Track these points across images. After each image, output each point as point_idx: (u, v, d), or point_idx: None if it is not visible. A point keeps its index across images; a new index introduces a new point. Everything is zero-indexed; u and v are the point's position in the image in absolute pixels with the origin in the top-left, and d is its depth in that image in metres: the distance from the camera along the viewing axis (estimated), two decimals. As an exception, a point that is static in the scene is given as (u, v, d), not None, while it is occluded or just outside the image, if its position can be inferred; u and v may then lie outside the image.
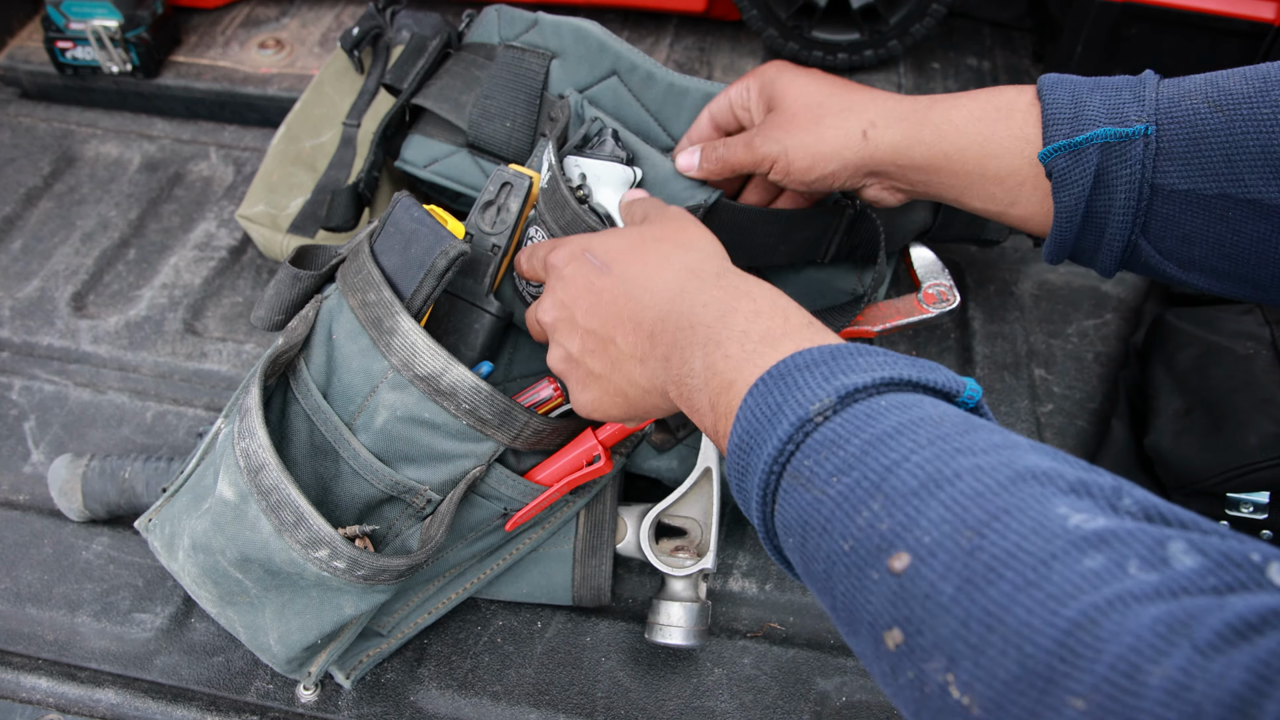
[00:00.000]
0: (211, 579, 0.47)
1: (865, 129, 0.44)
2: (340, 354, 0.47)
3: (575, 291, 0.40)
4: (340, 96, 0.74)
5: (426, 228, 0.46)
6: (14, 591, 0.57)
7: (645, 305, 0.37)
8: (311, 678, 0.49)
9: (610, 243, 0.41)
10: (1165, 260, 0.41)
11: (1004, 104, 0.42)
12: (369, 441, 0.46)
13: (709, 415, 0.33)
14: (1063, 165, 0.40)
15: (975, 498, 0.23)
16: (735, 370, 0.32)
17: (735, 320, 0.33)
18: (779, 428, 0.28)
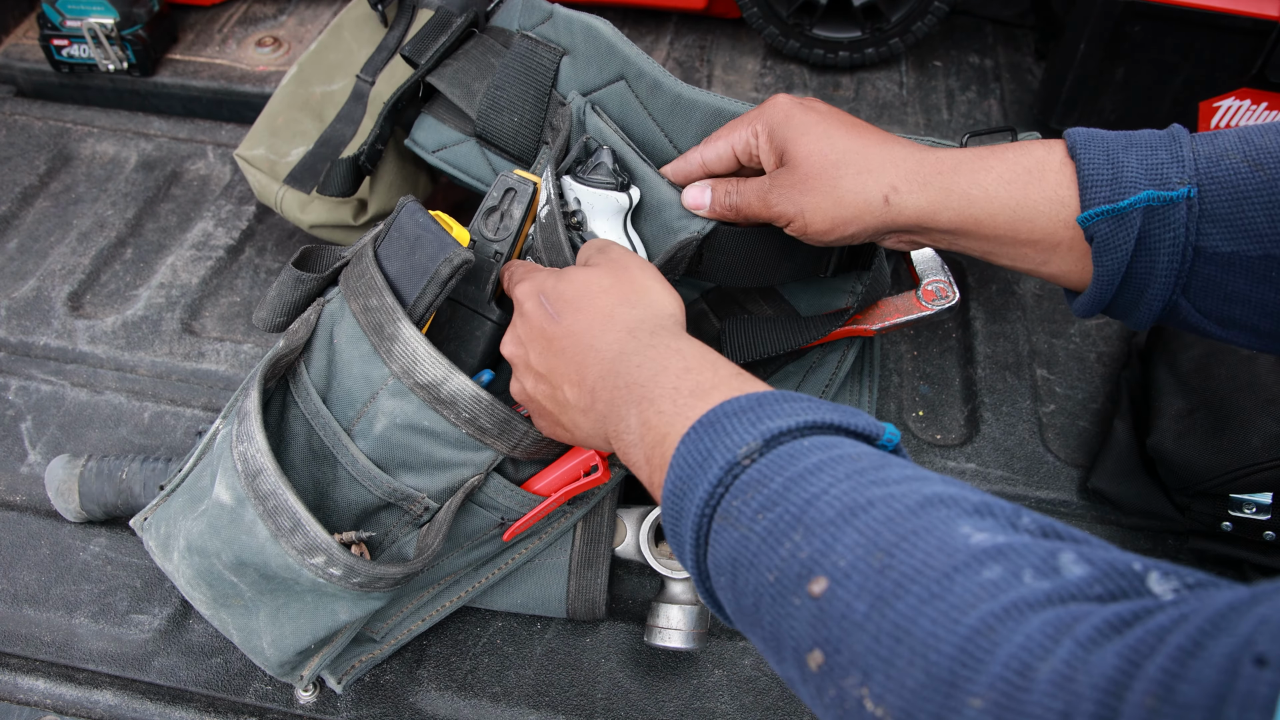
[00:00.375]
0: (206, 581, 0.46)
1: (887, 194, 0.43)
2: (341, 359, 0.47)
3: (530, 333, 0.42)
4: (359, 45, 0.72)
5: (431, 234, 0.46)
6: (11, 593, 0.57)
7: (588, 363, 0.39)
8: (304, 681, 0.49)
9: (562, 289, 0.42)
10: (1206, 319, 0.40)
11: (1034, 165, 0.41)
12: (367, 448, 0.46)
13: (645, 469, 0.35)
14: (1105, 230, 0.39)
15: (886, 522, 0.25)
16: (668, 424, 0.33)
17: (666, 378, 0.35)
18: (709, 472, 0.30)
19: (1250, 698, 0.17)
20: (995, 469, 0.64)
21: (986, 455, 0.65)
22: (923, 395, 0.69)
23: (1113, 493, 0.61)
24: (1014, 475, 0.64)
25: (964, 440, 0.66)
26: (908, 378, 0.70)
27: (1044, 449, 0.65)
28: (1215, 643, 0.18)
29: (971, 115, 0.88)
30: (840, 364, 0.60)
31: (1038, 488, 0.64)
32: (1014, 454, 0.65)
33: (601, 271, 0.42)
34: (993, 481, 0.64)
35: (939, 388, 0.69)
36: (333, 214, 0.68)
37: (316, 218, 0.68)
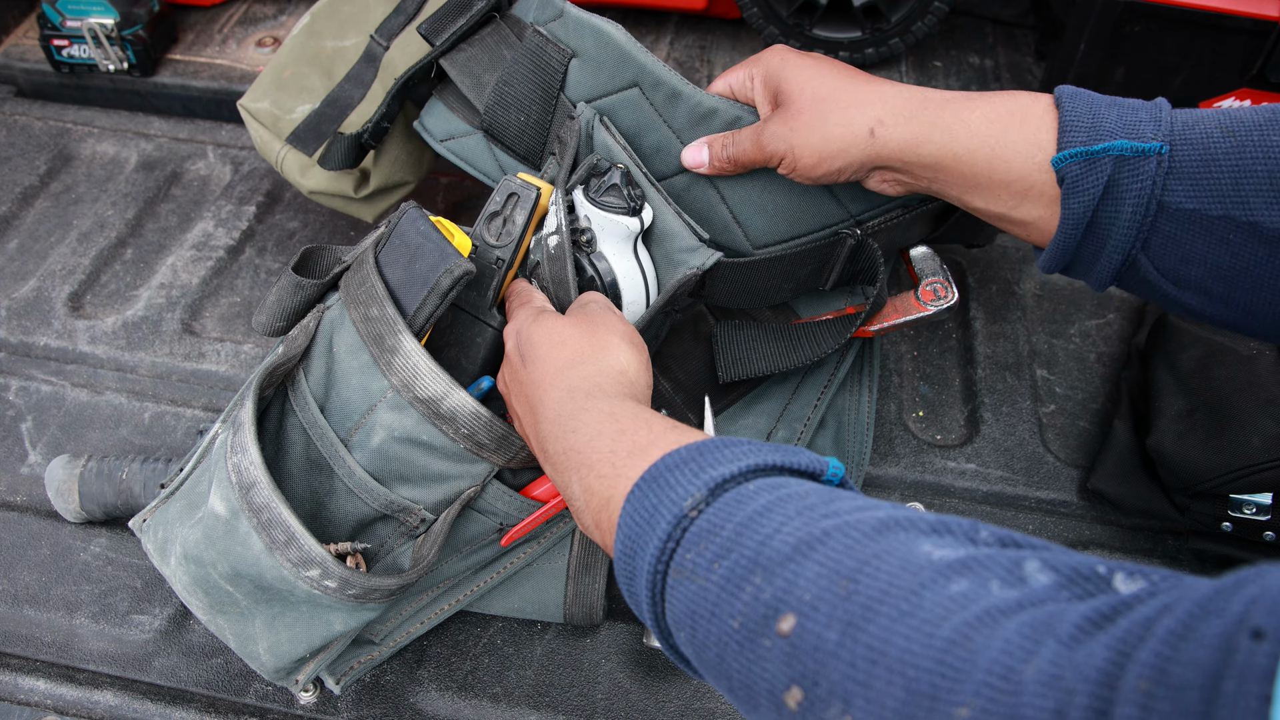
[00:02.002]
0: (202, 589, 0.46)
1: (873, 126, 0.44)
2: (340, 368, 0.47)
3: (507, 374, 0.44)
4: (375, 1, 0.69)
5: (432, 243, 0.45)
6: (11, 593, 0.57)
7: (539, 418, 0.40)
8: (299, 685, 0.49)
9: (533, 334, 0.43)
10: (1161, 278, 0.41)
11: (1018, 108, 0.42)
12: (364, 460, 0.46)
13: (595, 533, 0.35)
14: (1075, 172, 0.40)
15: (845, 550, 0.25)
16: (610, 487, 0.33)
17: (602, 442, 0.35)
18: (657, 527, 0.30)
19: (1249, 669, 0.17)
20: (995, 469, 0.64)
21: (986, 455, 0.65)
22: (923, 395, 0.69)
23: (1113, 493, 0.61)
24: (1014, 475, 0.64)
25: (964, 440, 0.66)
26: (908, 378, 0.70)
27: (1044, 449, 0.65)
28: (1206, 624, 0.18)
29: (971, 115, 0.88)
30: (839, 364, 0.60)
31: (1038, 488, 0.64)
32: (1014, 454, 0.65)
33: (569, 323, 0.43)
34: (993, 482, 0.64)
35: (939, 388, 0.69)
36: (334, 183, 0.66)
37: (316, 184, 0.66)
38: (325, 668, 0.50)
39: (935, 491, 0.64)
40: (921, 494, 0.64)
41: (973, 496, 0.64)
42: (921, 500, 0.63)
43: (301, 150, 0.66)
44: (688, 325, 0.59)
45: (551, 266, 0.49)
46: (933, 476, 0.64)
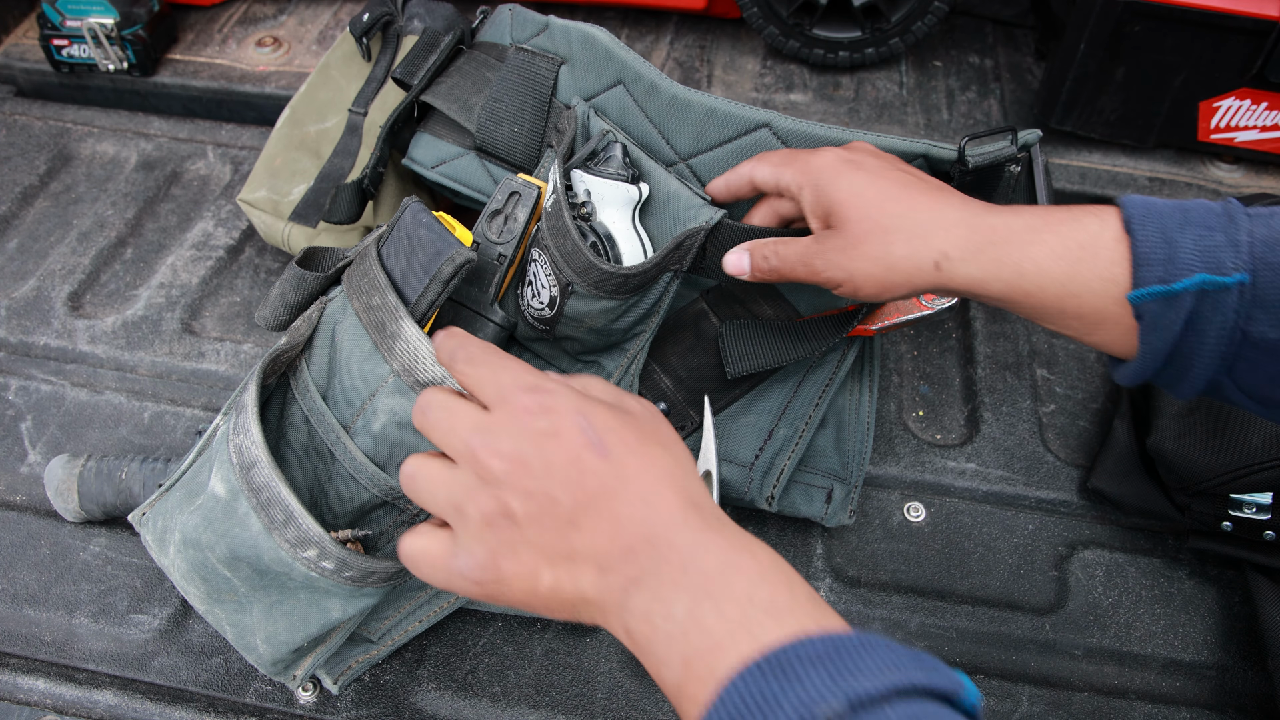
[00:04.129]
0: (200, 575, 0.46)
1: (938, 260, 0.42)
2: (342, 356, 0.47)
3: (555, 458, 0.33)
4: (347, 81, 0.73)
5: (434, 234, 0.46)
6: (11, 592, 0.57)
7: (635, 517, 0.33)
8: (296, 681, 0.49)
9: (613, 423, 0.34)
10: (1248, 398, 0.40)
11: (1088, 240, 0.40)
12: (365, 446, 0.46)
13: (676, 670, 0.30)
14: (1154, 310, 0.39)
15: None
16: (729, 635, 0.29)
17: (737, 579, 0.31)
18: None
19: None
20: (995, 469, 0.64)
21: (986, 455, 0.65)
22: (923, 395, 0.69)
23: (1113, 493, 0.61)
24: (1014, 475, 0.64)
25: (964, 440, 0.66)
26: (908, 378, 0.70)
27: (1044, 449, 0.65)
28: None
29: (972, 115, 0.88)
30: (840, 364, 0.60)
31: (1038, 488, 0.64)
32: (1014, 454, 0.65)
33: (652, 419, 0.36)
34: (993, 481, 0.64)
35: (939, 388, 0.69)
36: (339, 243, 0.68)
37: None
38: (323, 666, 0.50)
39: (935, 491, 0.64)
40: (921, 494, 0.64)
41: (973, 496, 0.64)
42: (921, 500, 0.63)
43: (305, 224, 0.69)
44: (690, 324, 0.59)
45: (550, 221, 0.49)
46: (933, 476, 0.64)
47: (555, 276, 0.51)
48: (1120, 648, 0.57)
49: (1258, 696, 0.55)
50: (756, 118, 0.53)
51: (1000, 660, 0.56)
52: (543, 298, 0.52)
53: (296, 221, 0.69)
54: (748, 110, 0.53)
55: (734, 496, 0.57)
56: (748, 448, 0.57)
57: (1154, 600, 0.59)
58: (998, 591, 0.59)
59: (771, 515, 0.61)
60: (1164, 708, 0.54)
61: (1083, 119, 0.80)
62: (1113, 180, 0.82)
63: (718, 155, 0.54)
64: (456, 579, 0.35)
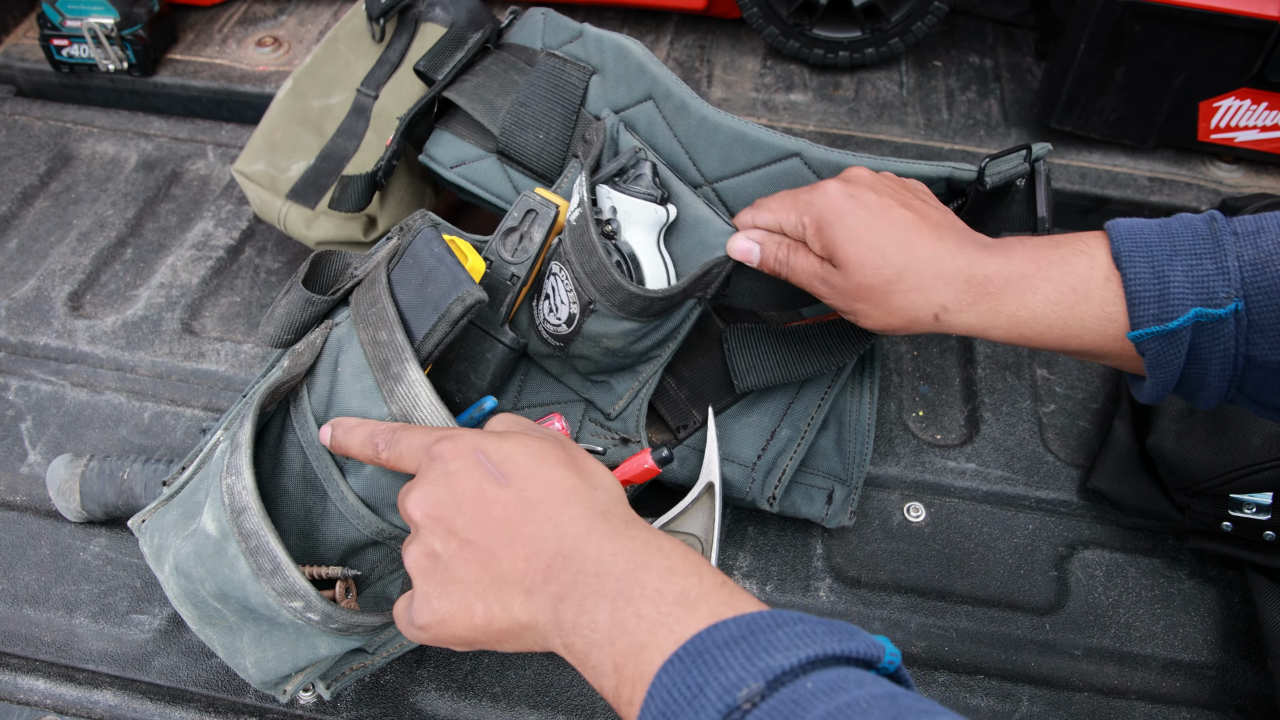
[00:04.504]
0: (191, 602, 0.46)
1: (937, 313, 0.43)
2: (342, 389, 0.46)
3: (461, 494, 0.36)
4: (355, 58, 0.70)
5: (446, 267, 0.45)
6: (11, 592, 0.57)
7: (546, 536, 0.34)
8: (287, 695, 0.48)
9: (508, 451, 0.37)
10: (1264, 409, 0.41)
11: (1079, 283, 0.41)
12: (358, 486, 0.46)
13: (610, 676, 0.31)
14: (1155, 348, 0.40)
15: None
16: (648, 633, 0.30)
17: (648, 577, 0.32)
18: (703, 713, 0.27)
19: None
20: (995, 469, 0.64)
21: (986, 455, 0.65)
22: (923, 395, 0.69)
23: (1113, 493, 0.61)
24: (1014, 475, 0.64)
25: (964, 440, 0.66)
26: (908, 378, 0.70)
27: (1044, 449, 0.65)
28: None
29: (971, 115, 0.88)
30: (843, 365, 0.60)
31: (1038, 488, 0.64)
32: (1014, 454, 0.65)
33: (551, 442, 0.38)
34: (993, 481, 0.64)
35: (939, 388, 0.69)
36: (341, 230, 0.67)
37: (324, 234, 0.67)
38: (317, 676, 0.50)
39: (935, 491, 0.64)
40: (921, 494, 0.64)
41: (973, 496, 0.64)
42: (921, 500, 0.63)
43: (303, 205, 0.67)
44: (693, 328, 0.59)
45: (574, 236, 0.48)
46: (933, 476, 0.64)
47: (576, 293, 0.50)
48: (1120, 648, 0.57)
49: (1258, 696, 0.55)
50: (787, 146, 0.52)
51: (1000, 660, 0.56)
52: (560, 314, 0.51)
53: (294, 200, 0.67)
54: (779, 138, 0.52)
55: (735, 496, 0.57)
56: (750, 448, 0.57)
57: (1154, 600, 0.59)
58: (998, 591, 0.59)
59: (772, 515, 0.61)
60: (1164, 708, 0.54)
61: (1083, 119, 0.80)
62: (1113, 180, 0.82)
63: (745, 181, 0.53)
64: (412, 630, 0.37)
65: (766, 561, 0.60)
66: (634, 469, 0.50)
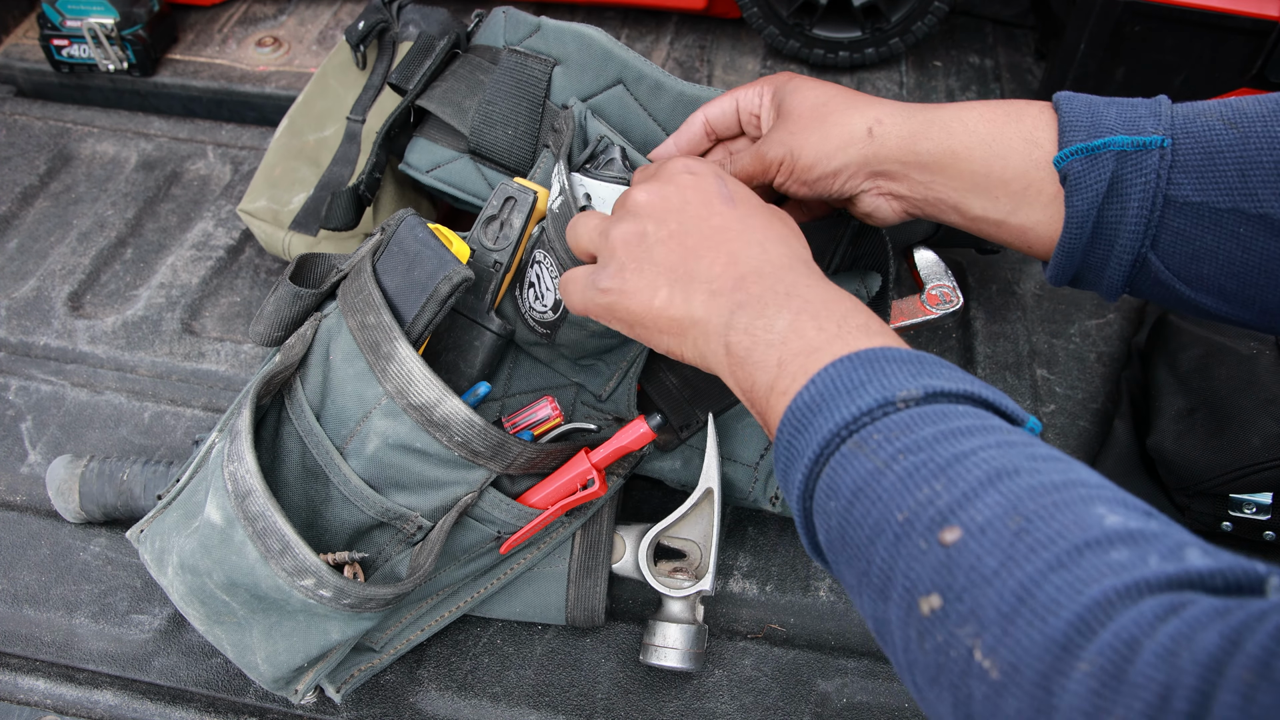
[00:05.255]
0: (199, 599, 0.46)
1: (871, 126, 0.44)
2: (336, 376, 0.47)
3: (690, 195, 0.40)
4: (344, 89, 0.73)
5: (430, 250, 0.45)
6: (11, 593, 0.57)
7: (751, 254, 0.38)
8: (299, 695, 0.48)
9: (744, 188, 0.41)
10: (1175, 278, 0.41)
11: (1014, 109, 0.43)
12: (360, 467, 0.46)
13: (769, 370, 0.34)
14: (1078, 169, 0.40)
15: (1030, 492, 0.26)
16: (826, 341, 0.33)
17: (836, 306, 0.35)
18: (859, 399, 0.30)
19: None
20: (995, 469, 0.64)
21: (986, 455, 0.65)
22: (923, 395, 0.69)
23: (1113, 493, 0.61)
24: (1014, 475, 0.64)
25: (964, 440, 0.66)
26: (908, 378, 0.70)
27: (1044, 449, 0.65)
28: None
29: (971, 115, 0.88)
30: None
31: (1038, 488, 0.64)
32: (1014, 454, 0.65)
33: (774, 207, 0.42)
34: (993, 481, 0.64)
35: (939, 388, 0.69)
36: (339, 250, 0.68)
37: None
38: (325, 676, 0.50)
39: (935, 491, 0.64)
40: (921, 494, 0.64)
41: (973, 496, 0.64)
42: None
43: (305, 233, 0.69)
44: None
45: (556, 223, 0.49)
46: (933, 476, 0.64)
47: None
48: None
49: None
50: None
51: (1000, 660, 0.56)
52: (547, 300, 0.52)
53: (297, 230, 0.69)
54: None
55: (738, 497, 0.57)
56: (752, 448, 0.57)
57: (1154, 600, 0.59)
58: (998, 591, 0.59)
59: (771, 516, 0.61)
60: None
61: (1083, 119, 0.80)
62: (1113, 180, 0.82)
63: None
64: (590, 291, 0.41)
65: (766, 562, 0.60)
66: (630, 434, 0.50)
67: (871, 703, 0.54)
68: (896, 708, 0.53)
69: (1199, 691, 0.19)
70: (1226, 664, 0.19)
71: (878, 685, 0.54)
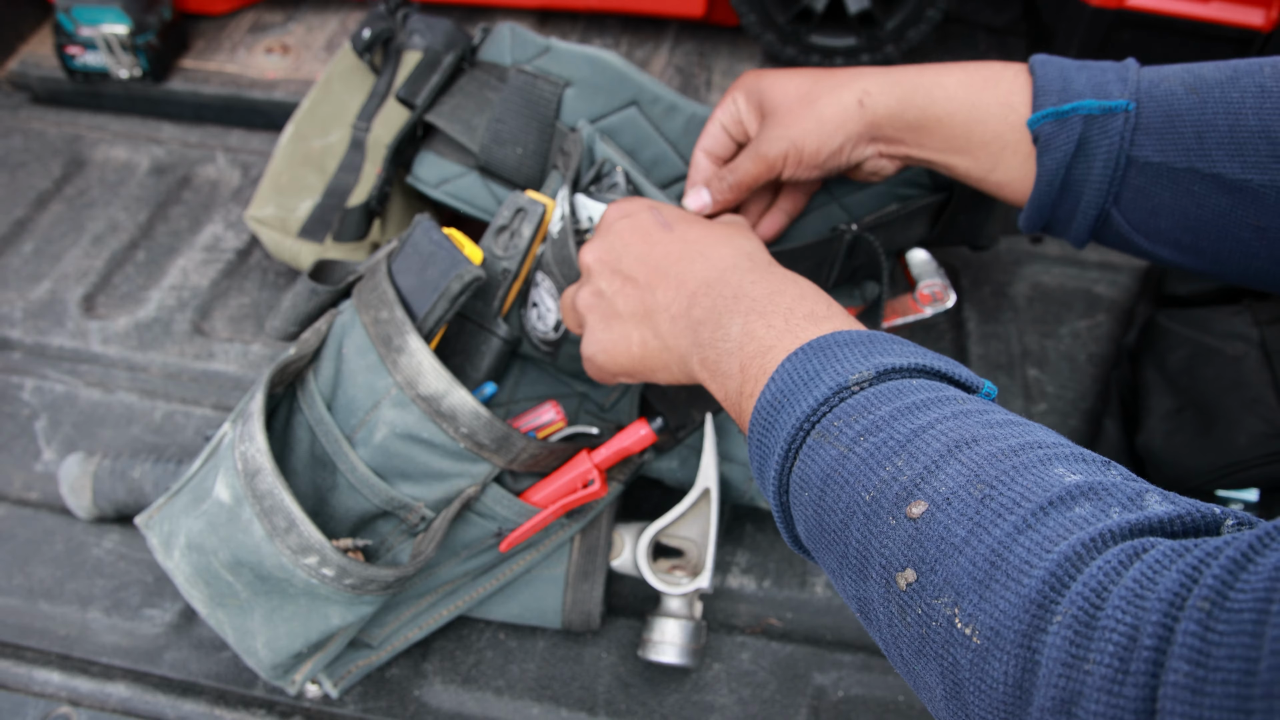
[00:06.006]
0: (203, 579, 0.47)
1: (860, 98, 0.46)
2: (348, 368, 0.48)
3: (629, 238, 0.42)
4: (349, 95, 0.73)
5: (444, 251, 0.46)
6: (26, 588, 0.58)
7: (695, 269, 0.40)
8: (296, 686, 0.49)
9: (678, 210, 0.44)
10: (1134, 231, 0.43)
11: (990, 74, 0.45)
12: (367, 456, 0.47)
13: (735, 377, 0.35)
14: (1049, 131, 0.42)
15: (989, 459, 0.26)
16: (776, 338, 0.34)
17: (781, 299, 0.36)
18: (815, 389, 0.30)
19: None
20: (988, 467, 0.65)
21: (980, 454, 0.66)
22: (917, 395, 0.70)
23: (1103, 490, 0.62)
24: (1007, 473, 0.65)
25: (958, 439, 0.67)
26: (903, 378, 0.71)
27: (1036, 448, 0.66)
28: (1263, 555, 0.20)
29: (966, 121, 0.89)
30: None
31: (1030, 486, 0.65)
32: (1007, 453, 0.66)
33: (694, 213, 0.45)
34: (986, 480, 0.65)
35: (933, 388, 0.70)
36: (347, 258, 0.69)
37: None
38: (323, 670, 0.50)
39: (930, 489, 0.65)
40: (916, 491, 0.65)
41: (966, 494, 0.65)
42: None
43: (313, 240, 0.70)
44: None
45: (555, 249, 0.50)
46: (927, 474, 0.65)
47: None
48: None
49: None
50: None
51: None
52: (548, 321, 0.53)
53: (305, 238, 0.70)
54: None
55: (735, 495, 0.57)
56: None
57: (1144, 596, 0.60)
58: (991, 587, 0.60)
59: (771, 514, 0.62)
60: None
61: (1074, 125, 0.82)
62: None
63: None
64: (586, 360, 0.44)
65: (764, 558, 0.61)
66: (631, 435, 0.51)
67: (867, 696, 0.55)
68: (891, 700, 0.54)
69: (1163, 626, 0.20)
70: (1186, 598, 0.20)
71: (873, 679, 0.55)
